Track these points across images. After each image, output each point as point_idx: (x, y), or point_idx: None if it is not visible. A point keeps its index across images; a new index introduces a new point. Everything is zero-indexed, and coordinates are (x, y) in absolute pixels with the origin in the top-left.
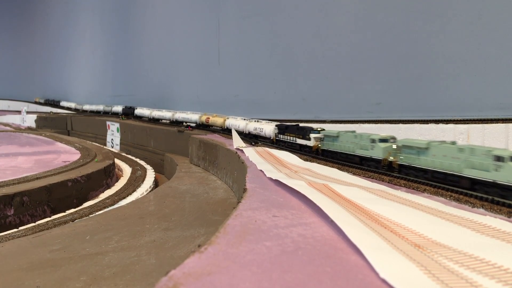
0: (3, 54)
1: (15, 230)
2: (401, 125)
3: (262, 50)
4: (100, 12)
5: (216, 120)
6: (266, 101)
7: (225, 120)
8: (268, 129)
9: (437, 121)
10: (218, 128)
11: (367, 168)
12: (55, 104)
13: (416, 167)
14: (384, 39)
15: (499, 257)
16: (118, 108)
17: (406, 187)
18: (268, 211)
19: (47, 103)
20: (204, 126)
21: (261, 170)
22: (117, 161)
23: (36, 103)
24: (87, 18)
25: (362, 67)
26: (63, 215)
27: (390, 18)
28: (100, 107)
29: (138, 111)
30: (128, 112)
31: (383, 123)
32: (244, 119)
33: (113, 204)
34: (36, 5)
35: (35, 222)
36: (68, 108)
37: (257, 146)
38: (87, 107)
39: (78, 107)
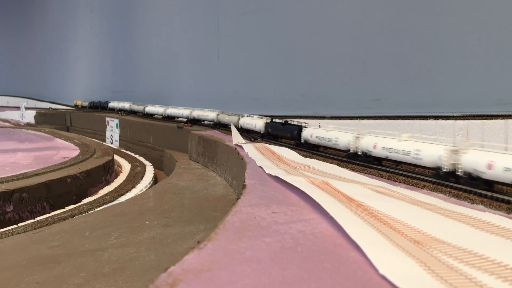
0: (1, 50)
1: (15, 226)
2: (400, 121)
3: (261, 46)
4: (99, 7)
5: None
6: (265, 97)
7: None
8: None
9: (436, 117)
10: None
11: (366, 165)
12: (103, 107)
13: None
14: (383, 35)
15: (498, 253)
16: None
17: (406, 184)
18: (268, 208)
19: (93, 106)
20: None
21: (260, 167)
22: (116, 157)
23: (76, 106)
24: (86, 13)
25: (361, 63)
26: (63, 212)
27: (389, 14)
28: (181, 111)
29: (310, 133)
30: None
31: (383, 119)
32: None
33: (112, 201)
34: (34, 1)
35: (34, 219)
36: (120, 110)
37: (256, 142)
38: (149, 108)
39: (134, 107)
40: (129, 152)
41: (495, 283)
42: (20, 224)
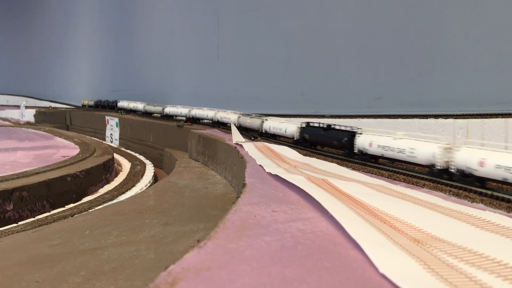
0: (0, 48)
1: (15, 225)
2: (400, 120)
3: (261, 45)
4: (98, 5)
5: None
6: (265, 95)
7: None
8: None
9: (436, 116)
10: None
11: (366, 163)
12: (111, 107)
13: None
14: (384, 34)
15: (498, 252)
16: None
17: (406, 182)
18: (268, 206)
19: (100, 105)
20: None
21: (260, 165)
22: (116, 156)
23: (83, 106)
24: (86, 12)
25: (361, 62)
26: (63, 210)
27: (389, 13)
28: (205, 113)
29: (368, 141)
30: None
31: (383, 117)
32: None
33: (112, 199)
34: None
35: (34, 217)
36: (132, 111)
37: (257, 141)
38: (169, 109)
39: (149, 108)
40: (129, 151)
41: (495, 281)
42: (20, 223)
